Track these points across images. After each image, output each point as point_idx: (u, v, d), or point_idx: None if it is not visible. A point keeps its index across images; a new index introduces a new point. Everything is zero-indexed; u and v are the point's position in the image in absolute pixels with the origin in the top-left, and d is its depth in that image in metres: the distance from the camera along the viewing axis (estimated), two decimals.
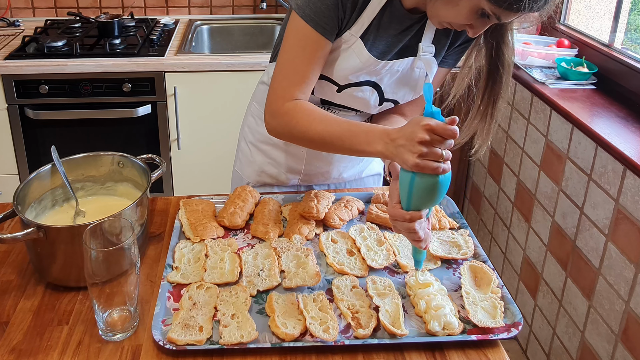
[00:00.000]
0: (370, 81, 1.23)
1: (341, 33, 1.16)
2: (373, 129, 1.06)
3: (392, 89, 1.26)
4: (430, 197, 0.99)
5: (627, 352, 1.63)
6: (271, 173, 1.45)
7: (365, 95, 1.25)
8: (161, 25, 2.80)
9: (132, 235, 0.94)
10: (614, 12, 2.05)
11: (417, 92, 1.27)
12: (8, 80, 2.34)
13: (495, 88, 1.18)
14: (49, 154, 1.20)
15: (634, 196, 1.60)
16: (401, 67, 1.22)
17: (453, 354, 0.96)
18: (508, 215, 2.36)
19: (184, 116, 2.48)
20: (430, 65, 1.23)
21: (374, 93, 1.25)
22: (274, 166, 1.44)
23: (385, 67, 1.21)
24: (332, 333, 0.96)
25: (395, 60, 1.21)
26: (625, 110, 1.87)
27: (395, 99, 1.28)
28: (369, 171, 1.53)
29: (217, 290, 1.05)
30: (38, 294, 1.07)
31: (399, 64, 1.21)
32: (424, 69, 1.23)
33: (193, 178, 2.62)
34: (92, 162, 1.25)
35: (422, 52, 1.21)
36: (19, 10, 2.93)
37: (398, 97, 1.28)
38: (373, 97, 1.26)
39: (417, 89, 1.27)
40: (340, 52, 1.18)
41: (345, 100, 1.27)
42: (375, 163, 1.55)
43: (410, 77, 1.25)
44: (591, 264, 1.79)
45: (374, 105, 1.28)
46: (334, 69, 1.20)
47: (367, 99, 1.26)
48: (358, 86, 1.23)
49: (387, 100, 1.28)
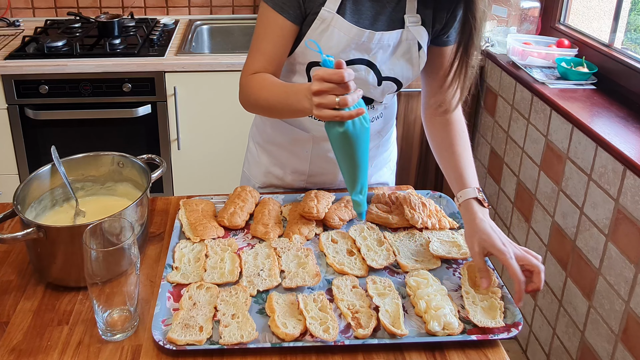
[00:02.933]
0: (363, 59, 1.23)
1: (314, 12, 1.18)
2: (301, 87, 1.07)
3: (387, 66, 1.25)
4: (348, 148, 1.02)
5: (627, 352, 1.63)
6: (277, 174, 1.45)
7: (362, 75, 1.24)
8: (161, 25, 2.80)
9: (132, 235, 0.94)
10: (614, 12, 2.05)
11: (414, 65, 1.26)
12: (8, 80, 2.34)
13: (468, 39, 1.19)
14: (49, 154, 1.20)
15: (634, 196, 1.60)
16: (391, 41, 1.22)
17: (453, 354, 0.96)
18: (508, 215, 2.36)
19: (184, 116, 2.48)
20: (420, 35, 1.23)
21: (370, 72, 1.24)
22: (279, 167, 1.44)
23: (373, 39, 1.20)
24: (332, 333, 0.96)
25: (383, 32, 1.20)
26: (625, 110, 1.87)
27: (394, 77, 1.27)
28: (379, 177, 1.51)
29: (217, 290, 1.05)
30: (38, 294, 1.07)
31: (387, 37, 1.21)
32: (415, 39, 1.23)
33: (193, 178, 2.62)
34: (92, 162, 1.25)
35: (409, 23, 1.21)
36: (19, 10, 2.93)
37: (396, 74, 1.26)
38: (370, 76, 1.25)
39: (414, 62, 1.26)
40: (322, 31, 1.19)
41: None
42: (385, 170, 1.53)
43: (403, 50, 1.24)
44: (591, 264, 1.79)
45: (373, 85, 1.26)
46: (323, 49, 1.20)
47: (364, 79, 1.24)
48: (351, 64, 1.22)
49: (386, 79, 1.27)
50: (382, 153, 1.49)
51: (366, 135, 1.02)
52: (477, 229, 1.11)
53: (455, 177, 1.23)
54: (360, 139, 1.01)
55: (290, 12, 1.18)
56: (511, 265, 1.04)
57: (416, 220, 1.25)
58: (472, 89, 1.29)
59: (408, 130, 2.63)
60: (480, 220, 1.12)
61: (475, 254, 1.10)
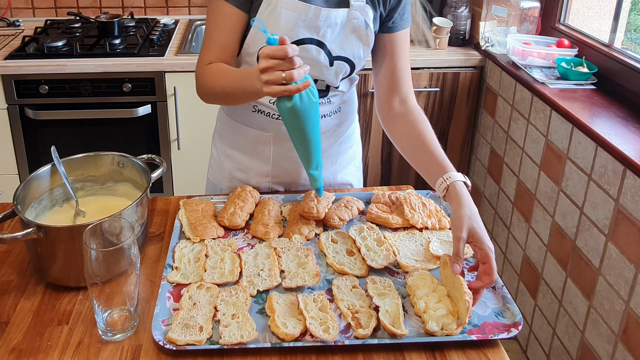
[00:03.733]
0: (313, 39, 1.24)
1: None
2: (252, 69, 1.09)
3: (337, 44, 1.26)
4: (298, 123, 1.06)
5: (627, 352, 1.63)
6: (241, 178, 1.45)
7: (313, 55, 1.25)
8: (161, 25, 2.80)
9: (132, 235, 0.94)
10: (614, 12, 2.05)
11: (365, 43, 1.28)
12: (8, 80, 2.34)
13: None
14: (49, 154, 1.20)
15: (634, 196, 1.60)
16: (338, 19, 1.23)
17: (453, 354, 0.96)
18: (508, 215, 2.36)
19: (184, 116, 2.48)
20: (366, 12, 1.24)
21: (321, 52, 1.25)
22: (243, 171, 1.44)
23: (320, 16, 1.21)
24: (332, 333, 0.96)
25: (329, 9, 1.22)
26: (625, 110, 1.87)
27: (346, 56, 1.28)
28: (344, 176, 1.50)
29: (217, 290, 1.05)
30: (38, 294, 1.07)
31: (334, 15, 1.22)
32: (362, 17, 1.24)
33: (193, 178, 2.62)
34: (92, 162, 1.25)
35: (354, 2, 1.23)
36: (19, 10, 2.93)
37: (347, 53, 1.27)
38: (321, 56, 1.26)
39: (364, 40, 1.27)
40: (270, 14, 1.21)
41: None
42: (351, 168, 1.52)
43: (351, 28, 1.25)
44: (591, 264, 1.79)
45: (325, 65, 1.27)
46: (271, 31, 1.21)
47: (316, 59, 1.26)
48: (302, 44, 1.24)
49: (338, 59, 1.28)
50: (346, 150, 1.48)
51: (315, 110, 1.06)
52: (469, 214, 1.07)
53: (434, 164, 1.19)
54: (309, 113, 1.04)
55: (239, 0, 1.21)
56: (493, 267, 1.02)
57: (416, 220, 1.25)
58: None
59: None
60: (472, 206, 1.09)
61: (458, 239, 1.05)
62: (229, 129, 1.44)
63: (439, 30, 2.59)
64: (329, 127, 1.39)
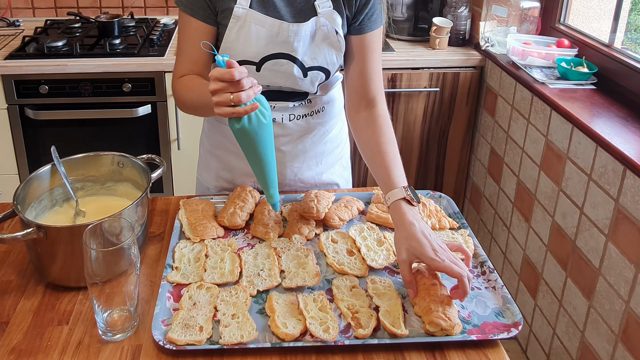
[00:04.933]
0: (284, 54, 1.24)
1: (227, 11, 1.21)
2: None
3: (309, 56, 1.26)
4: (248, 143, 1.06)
5: (627, 352, 1.63)
6: (227, 178, 1.46)
7: (286, 69, 1.26)
8: (161, 25, 2.80)
9: (132, 235, 0.94)
10: (614, 12, 2.05)
11: (336, 49, 1.27)
12: (8, 80, 2.34)
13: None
14: (49, 154, 1.20)
15: (634, 196, 1.60)
16: (308, 30, 1.24)
17: (453, 354, 0.96)
18: (508, 215, 2.36)
19: (184, 116, 2.48)
20: (333, 19, 1.24)
21: (293, 65, 1.26)
22: (228, 171, 1.45)
23: (290, 32, 1.22)
24: (332, 333, 0.96)
25: (298, 25, 1.22)
26: (625, 110, 1.87)
27: (320, 65, 1.28)
28: (330, 175, 1.49)
29: (217, 290, 1.05)
30: (38, 294, 1.07)
31: (304, 28, 1.23)
32: (330, 24, 1.24)
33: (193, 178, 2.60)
34: (92, 162, 1.25)
35: (320, 9, 1.23)
36: (19, 10, 2.93)
37: (320, 62, 1.28)
38: (294, 69, 1.26)
39: (335, 46, 1.27)
40: (239, 29, 1.22)
41: (269, 79, 1.28)
42: (337, 168, 1.51)
43: (321, 37, 1.25)
44: (591, 264, 1.79)
45: (299, 77, 1.27)
46: (242, 48, 1.23)
47: (289, 72, 1.26)
48: (274, 59, 1.24)
49: (312, 69, 1.28)
50: (332, 150, 1.48)
51: (266, 131, 1.06)
52: (406, 235, 1.06)
53: (383, 178, 1.19)
54: (259, 134, 1.05)
55: (201, 12, 1.22)
56: (446, 268, 1.01)
57: None
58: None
59: (408, 130, 2.63)
60: (409, 224, 1.07)
61: (401, 262, 1.05)
62: (214, 130, 1.46)
63: (439, 30, 2.59)
64: (311, 127, 1.40)
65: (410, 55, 2.53)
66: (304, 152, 1.42)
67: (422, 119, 2.61)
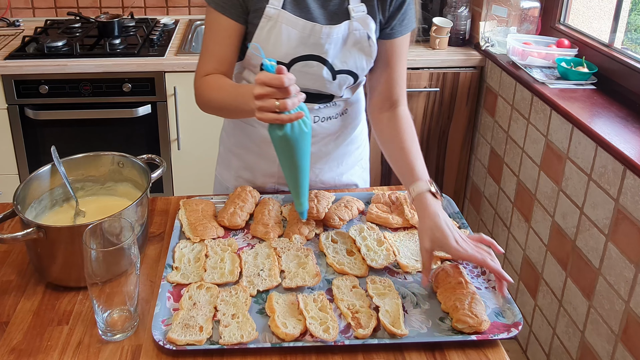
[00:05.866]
0: (315, 55, 1.23)
1: (259, 11, 1.20)
2: (248, 89, 1.08)
3: (340, 59, 1.25)
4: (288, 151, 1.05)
5: (627, 352, 1.63)
6: (247, 177, 1.45)
7: (315, 71, 1.25)
8: (161, 25, 2.80)
9: (132, 235, 0.94)
10: (614, 12, 2.05)
11: (367, 54, 1.27)
12: (8, 80, 2.34)
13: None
14: (49, 154, 1.20)
15: (634, 196, 1.60)
16: (340, 33, 1.23)
17: (453, 354, 0.96)
18: (508, 215, 2.36)
19: (184, 116, 2.48)
20: (367, 24, 1.24)
21: (323, 67, 1.25)
22: (249, 170, 1.45)
23: (322, 33, 1.21)
24: (332, 333, 0.96)
25: (331, 27, 1.21)
26: (625, 110, 1.87)
27: (349, 69, 1.27)
28: (350, 176, 1.50)
29: (217, 290, 1.05)
30: (38, 294, 1.07)
31: (336, 31, 1.22)
32: (363, 29, 1.24)
33: (193, 178, 2.62)
34: (92, 162, 1.25)
35: (354, 13, 1.22)
36: (19, 10, 2.93)
37: (350, 66, 1.27)
38: (324, 71, 1.25)
39: (366, 52, 1.26)
40: (270, 29, 1.21)
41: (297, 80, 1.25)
42: (357, 169, 1.52)
43: (353, 41, 1.24)
44: (591, 264, 1.79)
45: (328, 80, 1.27)
46: (272, 48, 1.22)
47: (318, 74, 1.25)
48: (304, 60, 1.24)
49: (341, 72, 1.27)
50: (353, 151, 1.48)
51: (306, 140, 1.05)
52: (431, 225, 1.09)
53: (407, 171, 1.21)
54: (299, 143, 1.04)
55: (232, 10, 1.21)
56: (470, 257, 1.05)
57: (416, 220, 1.25)
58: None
59: None
60: (434, 215, 1.10)
61: (424, 250, 1.09)
62: (237, 128, 1.44)
63: (439, 30, 2.59)
64: (335, 129, 1.39)
65: (410, 55, 2.53)
66: (327, 154, 1.42)
67: (422, 119, 2.61)
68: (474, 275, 1.13)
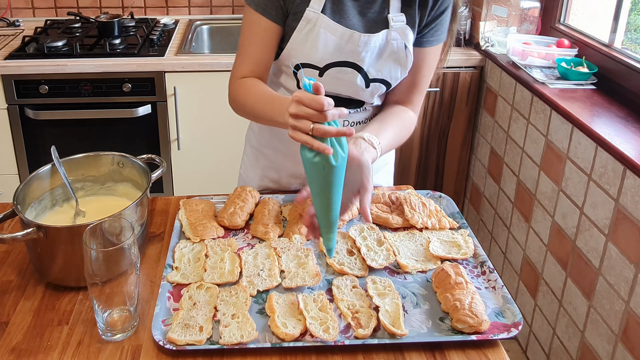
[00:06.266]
0: (350, 62, 1.22)
1: (299, 13, 1.18)
2: (284, 102, 1.06)
3: (375, 68, 1.24)
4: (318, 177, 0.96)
5: (627, 352, 1.63)
6: (273, 177, 1.45)
7: (349, 78, 1.24)
8: (161, 25, 2.80)
9: (132, 235, 0.94)
10: (614, 12, 2.05)
11: (402, 65, 1.26)
12: (8, 80, 2.34)
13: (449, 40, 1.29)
14: (49, 154, 1.20)
15: (634, 196, 1.60)
16: (377, 42, 1.21)
17: (453, 354, 0.96)
18: (508, 215, 2.36)
19: (184, 116, 2.48)
20: (405, 34, 1.22)
21: (357, 75, 1.24)
22: (276, 170, 1.44)
23: (360, 41, 1.20)
24: (332, 333, 0.96)
25: (369, 35, 1.20)
26: (625, 110, 1.87)
27: (383, 78, 1.26)
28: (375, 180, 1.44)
29: (217, 290, 1.05)
30: (38, 294, 1.07)
31: (374, 39, 1.21)
32: (401, 39, 1.22)
33: (193, 178, 2.62)
34: (92, 162, 1.25)
35: (393, 22, 1.21)
36: (19, 10, 2.93)
37: (384, 75, 1.26)
38: (357, 78, 1.24)
39: (402, 62, 1.25)
40: (308, 32, 1.19)
41: (330, 84, 1.25)
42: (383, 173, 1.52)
43: (389, 51, 1.23)
44: (591, 264, 1.79)
45: (361, 87, 1.26)
46: (308, 51, 1.21)
47: (352, 81, 1.25)
48: (339, 66, 1.23)
49: (375, 81, 1.26)
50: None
51: (339, 169, 0.96)
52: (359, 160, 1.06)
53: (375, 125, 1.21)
54: (332, 170, 0.95)
55: (272, 12, 1.20)
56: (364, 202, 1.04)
57: (416, 220, 1.25)
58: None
59: None
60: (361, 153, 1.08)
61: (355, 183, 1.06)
62: (264, 128, 1.43)
63: None
64: None
65: None
66: None
67: (422, 119, 2.61)
68: (474, 275, 1.13)
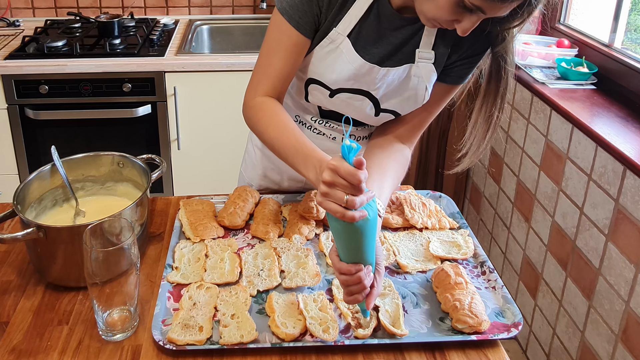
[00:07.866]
0: (364, 91, 1.18)
1: (326, 30, 1.13)
2: (313, 154, 1.02)
3: (388, 99, 1.19)
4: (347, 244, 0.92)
5: (627, 352, 1.63)
6: (274, 179, 1.44)
7: (360, 104, 1.20)
8: (161, 25, 2.80)
9: (132, 235, 0.94)
10: (614, 12, 2.05)
11: (417, 103, 1.19)
12: (8, 80, 2.34)
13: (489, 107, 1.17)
14: (49, 154, 1.20)
15: (634, 196, 1.60)
16: (397, 75, 1.15)
17: (453, 354, 0.96)
18: (508, 215, 2.36)
19: (184, 116, 2.48)
20: (429, 74, 1.16)
21: (369, 103, 1.19)
22: (277, 172, 1.43)
23: (379, 74, 1.15)
24: (332, 333, 0.96)
25: (388, 69, 1.14)
26: (625, 110, 1.87)
27: (394, 110, 1.21)
28: None
29: (217, 290, 1.05)
30: (38, 294, 1.07)
31: (394, 72, 1.15)
32: (423, 78, 1.16)
33: (193, 178, 2.62)
34: (92, 162, 1.25)
35: (419, 59, 1.14)
36: (19, 10, 2.93)
37: (396, 107, 1.21)
38: (368, 107, 1.20)
39: (418, 100, 1.19)
40: (329, 52, 1.14)
41: (338, 106, 1.22)
42: None
43: (406, 86, 1.17)
44: (591, 264, 1.79)
45: (370, 115, 1.22)
46: (323, 70, 1.16)
47: (363, 108, 1.20)
48: (351, 93, 1.18)
49: (385, 111, 1.21)
50: None
51: (371, 229, 0.91)
52: None
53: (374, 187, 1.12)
54: (364, 232, 0.91)
55: (307, 27, 1.12)
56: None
57: (416, 221, 1.25)
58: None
59: None
60: None
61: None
62: None
63: None
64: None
65: None
66: None
67: None
68: (474, 275, 1.13)
